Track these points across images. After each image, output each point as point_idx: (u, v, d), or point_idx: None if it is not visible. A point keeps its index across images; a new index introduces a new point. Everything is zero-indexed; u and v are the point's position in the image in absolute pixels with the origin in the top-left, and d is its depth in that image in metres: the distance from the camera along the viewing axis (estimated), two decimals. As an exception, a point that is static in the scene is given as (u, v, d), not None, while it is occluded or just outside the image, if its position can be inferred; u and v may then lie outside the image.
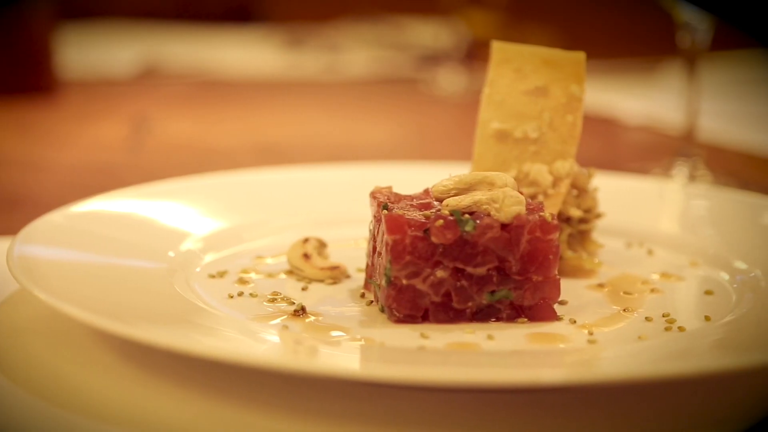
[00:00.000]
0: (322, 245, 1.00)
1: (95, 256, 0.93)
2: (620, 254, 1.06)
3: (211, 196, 1.14)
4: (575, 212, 1.00)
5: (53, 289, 0.81)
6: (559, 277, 0.86)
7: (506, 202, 0.85)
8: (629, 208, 1.13)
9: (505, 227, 0.84)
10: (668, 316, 0.87)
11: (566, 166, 0.98)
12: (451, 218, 0.84)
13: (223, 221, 1.09)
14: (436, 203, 0.88)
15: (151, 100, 2.11)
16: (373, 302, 0.90)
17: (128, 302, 0.84)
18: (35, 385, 0.74)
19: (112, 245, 0.95)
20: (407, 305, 0.84)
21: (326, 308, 0.88)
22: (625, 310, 0.89)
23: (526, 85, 1.01)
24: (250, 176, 1.22)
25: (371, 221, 0.92)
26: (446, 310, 0.85)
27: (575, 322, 0.86)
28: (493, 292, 0.85)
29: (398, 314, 0.84)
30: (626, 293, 0.93)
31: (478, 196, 0.85)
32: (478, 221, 0.84)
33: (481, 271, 0.84)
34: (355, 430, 0.69)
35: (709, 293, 0.94)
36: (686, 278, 0.99)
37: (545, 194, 0.98)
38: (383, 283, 0.85)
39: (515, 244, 0.84)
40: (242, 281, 0.94)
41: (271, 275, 0.97)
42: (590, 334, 0.83)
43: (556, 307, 0.87)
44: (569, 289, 0.92)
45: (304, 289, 0.93)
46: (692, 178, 1.42)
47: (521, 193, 0.88)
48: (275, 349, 0.81)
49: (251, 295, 0.91)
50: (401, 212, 0.85)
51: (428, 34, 2.72)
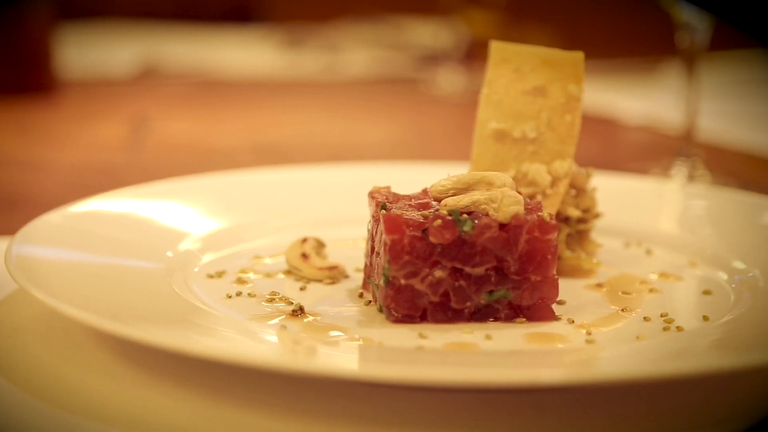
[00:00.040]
0: (320, 245, 1.00)
1: (94, 256, 0.93)
2: (619, 254, 1.06)
3: (210, 196, 1.14)
4: (574, 212, 1.00)
5: (52, 289, 0.81)
6: (557, 277, 0.86)
7: (504, 201, 0.85)
8: (628, 208, 1.13)
9: (503, 227, 0.84)
10: (666, 315, 0.87)
11: (565, 165, 0.98)
12: (449, 218, 0.84)
13: (221, 221, 1.09)
14: (434, 203, 0.88)
15: (150, 100, 2.11)
16: (371, 302, 0.90)
17: (127, 302, 0.84)
18: (34, 385, 0.74)
19: (110, 245, 0.95)
20: (405, 305, 0.84)
21: (324, 308, 0.88)
22: (623, 310, 0.89)
23: (524, 85, 1.01)
24: (249, 176, 1.22)
25: (370, 221, 0.92)
26: (444, 310, 0.85)
27: (573, 322, 0.86)
28: (491, 292, 0.85)
29: (396, 314, 0.84)
30: (625, 293, 0.93)
31: (476, 196, 0.85)
32: (476, 221, 0.84)
33: (479, 271, 0.84)
34: (353, 430, 0.69)
35: (707, 293, 0.94)
36: (685, 278, 0.99)
37: (544, 194, 0.98)
38: (381, 283, 0.85)
39: (513, 244, 0.84)
40: (241, 281, 0.94)
41: (269, 275, 0.97)
42: (588, 334, 0.83)
43: (554, 307, 0.87)
44: (567, 289, 0.92)
45: (302, 289, 0.93)
46: (691, 178, 1.42)
47: (520, 192, 0.88)
48: (274, 349, 0.81)
49: (249, 295, 0.91)
50: (399, 212, 0.85)
51: (428, 34, 2.72)
